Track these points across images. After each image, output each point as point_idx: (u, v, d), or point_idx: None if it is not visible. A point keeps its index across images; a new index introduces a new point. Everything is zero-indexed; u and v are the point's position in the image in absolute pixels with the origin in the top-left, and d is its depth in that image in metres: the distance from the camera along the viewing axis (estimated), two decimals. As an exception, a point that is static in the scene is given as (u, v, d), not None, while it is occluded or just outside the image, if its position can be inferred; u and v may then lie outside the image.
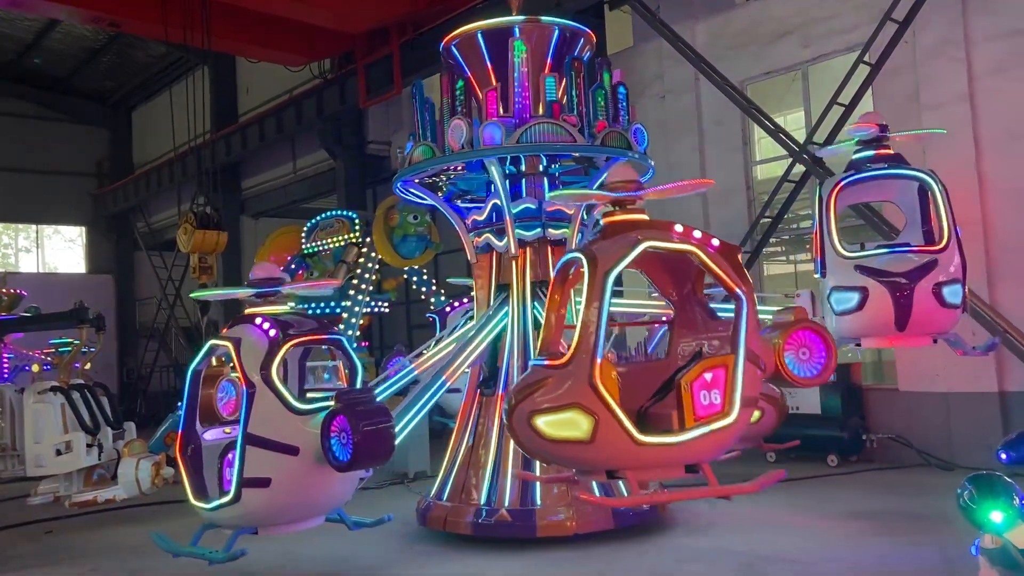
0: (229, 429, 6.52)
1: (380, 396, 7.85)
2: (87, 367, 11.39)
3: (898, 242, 7.24)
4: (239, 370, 5.84)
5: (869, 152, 7.14)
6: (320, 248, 15.43)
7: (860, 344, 7.31)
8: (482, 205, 8.75)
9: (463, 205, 9.07)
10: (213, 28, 16.84)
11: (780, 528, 7.76)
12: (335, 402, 5.76)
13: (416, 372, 8.06)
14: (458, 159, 8.01)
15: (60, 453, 9.07)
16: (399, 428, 6.93)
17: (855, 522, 7.78)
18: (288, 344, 5.86)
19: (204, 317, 18.47)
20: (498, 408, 7.86)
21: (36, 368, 12.21)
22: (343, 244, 15.25)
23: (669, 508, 8.12)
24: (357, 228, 15.16)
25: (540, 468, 7.18)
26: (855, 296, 6.79)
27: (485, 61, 8.39)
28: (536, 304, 8.17)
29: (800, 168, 11.38)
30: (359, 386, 6.16)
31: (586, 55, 8.58)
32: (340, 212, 15.96)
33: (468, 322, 8.78)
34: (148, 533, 6.53)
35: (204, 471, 6.26)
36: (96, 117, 30.54)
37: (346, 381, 6.32)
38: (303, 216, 18.08)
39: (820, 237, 7.15)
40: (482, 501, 7.84)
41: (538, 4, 12.21)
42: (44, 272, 29.44)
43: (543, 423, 5.09)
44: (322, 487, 5.98)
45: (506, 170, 8.34)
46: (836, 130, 10.91)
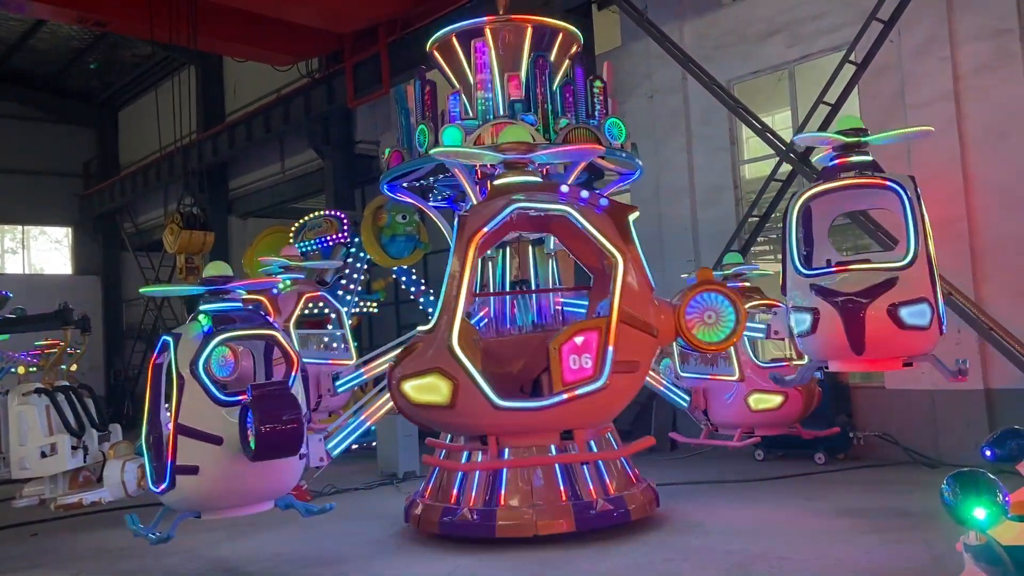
0: None
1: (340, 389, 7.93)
2: (73, 369, 11.31)
3: (857, 257, 6.90)
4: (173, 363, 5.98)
5: (843, 159, 6.70)
6: (309, 248, 15.38)
7: (827, 367, 6.88)
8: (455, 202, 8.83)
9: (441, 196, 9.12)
10: (199, 27, 16.77)
11: (768, 526, 7.77)
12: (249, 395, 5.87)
13: (365, 376, 8.13)
14: (419, 164, 8.06)
15: (45, 455, 9.00)
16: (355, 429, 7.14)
17: (842, 519, 7.81)
18: (216, 339, 5.98)
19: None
20: None
21: (21, 370, 12.11)
22: (331, 244, 15.20)
23: (658, 508, 8.12)
24: (345, 228, 15.13)
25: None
26: (807, 317, 6.46)
27: (462, 63, 8.41)
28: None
29: (787, 167, 11.44)
30: (293, 378, 6.18)
31: (573, 50, 8.55)
32: (328, 212, 15.92)
33: None
34: (124, 515, 6.63)
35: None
36: (82, 117, 30.35)
37: (295, 370, 6.30)
38: (291, 216, 18.02)
39: (783, 251, 6.80)
40: (453, 500, 7.84)
41: (525, 3, 12.20)
42: (30, 273, 29.24)
43: (409, 388, 5.16)
44: (251, 475, 6.06)
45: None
46: (823, 129, 10.94)
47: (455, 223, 5.34)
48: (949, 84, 10.67)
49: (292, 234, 15.62)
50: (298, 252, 6.23)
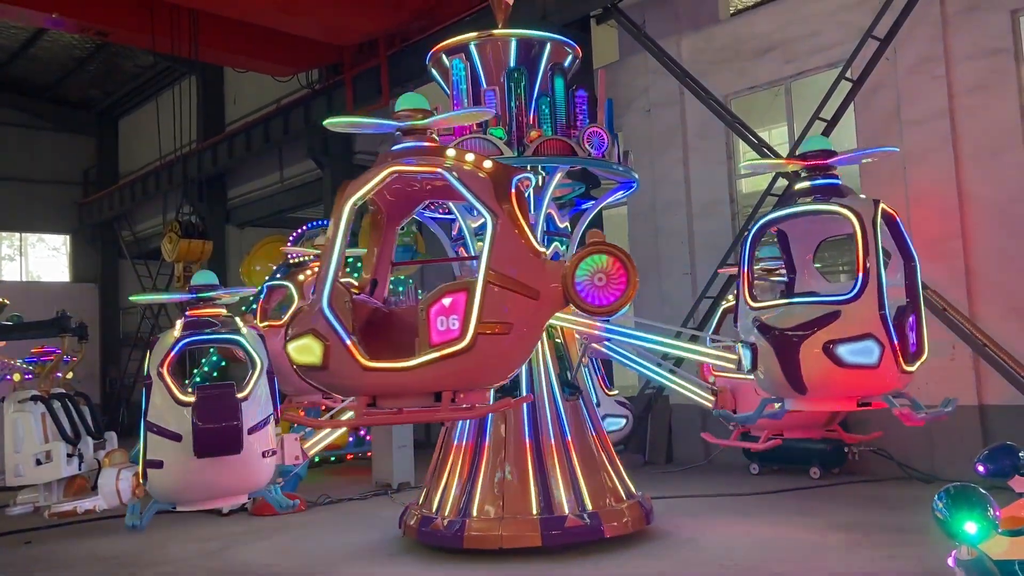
0: None
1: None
2: (69, 376, 11.30)
3: (804, 290, 6.64)
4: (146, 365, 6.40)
5: (806, 184, 6.50)
6: (306, 258, 15.38)
7: (783, 405, 6.59)
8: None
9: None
10: (200, 38, 16.86)
11: (762, 540, 7.79)
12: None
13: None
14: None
15: (40, 463, 8.99)
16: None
17: (836, 534, 7.82)
18: (179, 344, 6.35)
19: None
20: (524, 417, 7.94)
21: (17, 377, 12.08)
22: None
23: (653, 520, 8.11)
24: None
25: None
26: (748, 353, 6.29)
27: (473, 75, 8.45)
28: None
29: (783, 182, 11.50)
30: (254, 380, 6.44)
31: (566, 62, 8.49)
32: (327, 222, 15.94)
33: None
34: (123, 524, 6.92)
35: None
36: (82, 126, 30.38)
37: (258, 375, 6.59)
38: (289, 226, 18.03)
39: (738, 282, 6.58)
40: (433, 509, 7.90)
41: (524, 18, 12.29)
42: (27, 280, 29.20)
43: (291, 349, 5.12)
44: (211, 470, 6.28)
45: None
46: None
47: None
48: (944, 102, 10.76)
49: (289, 244, 15.63)
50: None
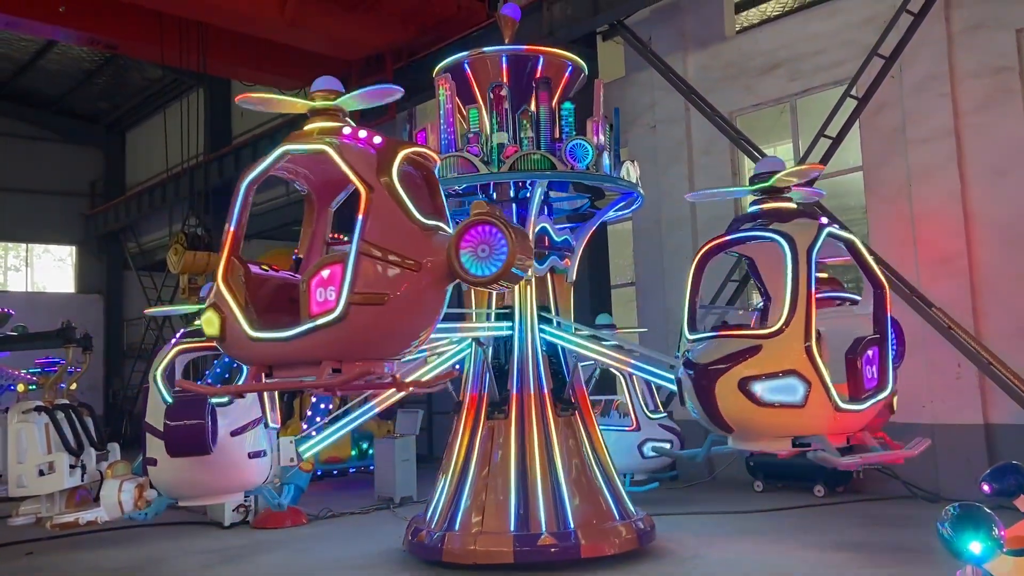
0: None
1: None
2: (73, 387, 11.31)
3: (734, 323, 6.48)
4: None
5: (754, 208, 6.47)
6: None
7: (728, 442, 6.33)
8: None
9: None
10: (209, 51, 16.99)
11: (766, 559, 7.74)
12: None
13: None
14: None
15: (43, 473, 8.98)
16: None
17: (840, 553, 7.77)
18: (174, 350, 6.75)
19: None
20: (512, 431, 7.94)
21: (22, 388, 12.09)
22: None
23: (651, 541, 8.04)
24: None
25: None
26: (677, 388, 6.11)
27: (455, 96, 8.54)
28: (543, 327, 8.23)
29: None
30: (239, 382, 6.98)
31: (567, 73, 8.47)
32: (333, 235, 15.98)
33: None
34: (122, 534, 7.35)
35: None
36: (90, 137, 30.57)
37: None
38: (295, 238, 18.02)
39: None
40: (425, 522, 8.02)
41: (531, 34, 12.38)
42: (32, 291, 29.29)
43: (202, 322, 5.29)
44: (198, 469, 6.75)
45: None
46: (823, 162, 11.04)
47: None
48: (950, 120, 10.77)
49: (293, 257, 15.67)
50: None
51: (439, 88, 8.10)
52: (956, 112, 10.77)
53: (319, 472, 12.38)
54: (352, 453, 14.60)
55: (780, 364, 5.52)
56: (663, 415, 10.74)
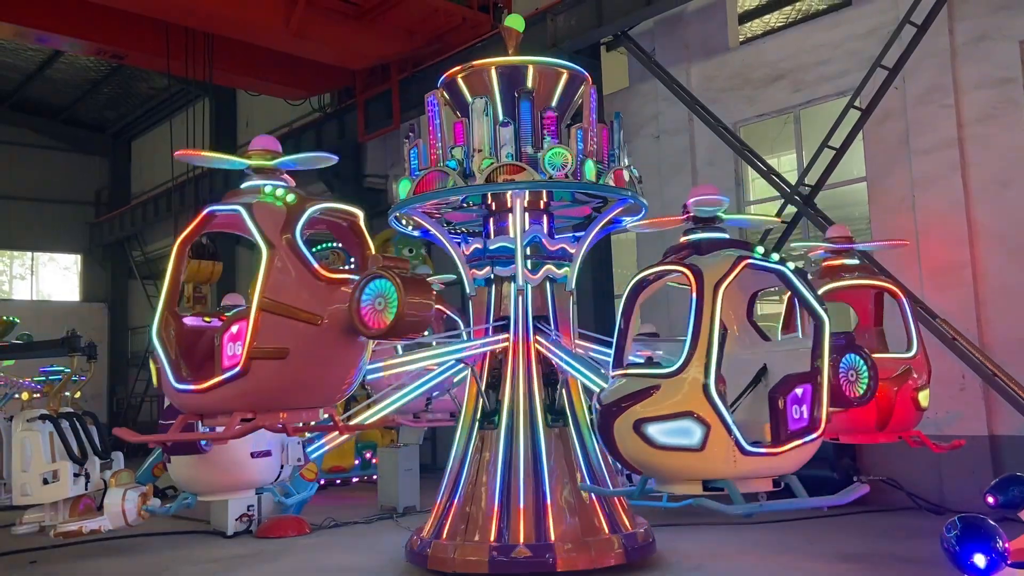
0: None
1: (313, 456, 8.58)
2: (77, 396, 11.33)
3: (737, 349, 6.21)
4: None
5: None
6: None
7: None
8: (478, 236, 8.84)
9: (466, 232, 9.19)
10: (215, 62, 17.08)
11: (770, 569, 7.72)
12: None
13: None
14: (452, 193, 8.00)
15: (47, 482, 8.99)
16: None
17: (845, 564, 7.75)
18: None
19: None
20: (500, 441, 7.96)
21: (26, 396, 12.11)
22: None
23: (648, 554, 8.00)
24: (352, 260, 15.23)
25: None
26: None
27: (455, 109, 8.65)
28: (538, 337, 8.21)
29: (792, 209, 11.52)
30: None
31: (558, 87, 8.41)
32: (336, 244, 16.03)
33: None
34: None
35: None
36: (95, 147, 30.72)
37: None
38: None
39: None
40: (422, 530, 8.14)
41: (535, 45, 12.43)
42: (37, 299, 29.38)
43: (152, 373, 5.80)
44: (201, 467, 7.04)
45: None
46: (827, 172, 11.08)
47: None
48: (953, 131, 10.78)
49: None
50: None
51: (427, 103, 8.28)
52: (960, 123, 10.78)
53: (322, 481, 12.36)
54: (355, 462, 14.61)
55: (676, 405, 5.25)
56: None
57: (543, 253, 8.39)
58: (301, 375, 5.31)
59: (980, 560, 3.53)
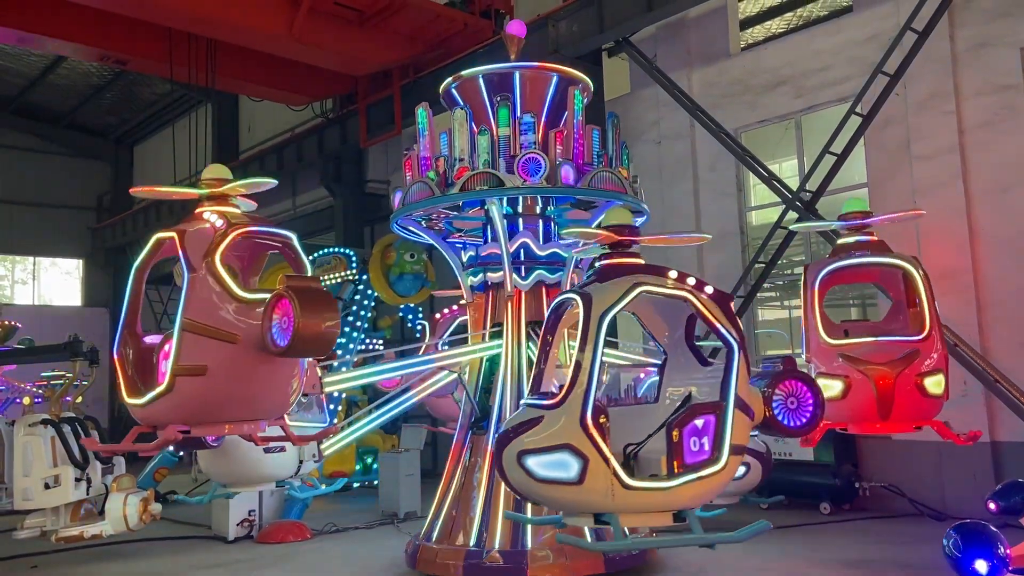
0: None
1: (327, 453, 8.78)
2: (78, 400, 11.33)
3: (672, 373, 6.30)
4: None
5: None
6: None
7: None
8: (478, 243, 8.86)
9: (465, 238, 9.20)
10: (217, 67, 17.12)
11: (772, 575, 7.70)
12: None
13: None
14: (458, 198, 8.01)
15: (48, 487, 8.98)
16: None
17: (846, 570, 7.74)
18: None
19: None
20: (488, 447, 7.94)
21: (27, 401, 12.11)
22: (339, 281, 15.32)
23: (660, 554, 8.04)
24: (354, 265, 15.25)
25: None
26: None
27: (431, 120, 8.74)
28: (530, 344, 8.22)
29: (793, 215, 11.53)
30: None
31: (549, 90, 8.46)
32: (338, 249, 16.05)
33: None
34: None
35: None
36: (98, 152, 30.77)
37: None
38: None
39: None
40: (430, 538, 8.11)
41: (536, 51, 12.45)
42: (39, 304, 29.40)
43: None
44: (220, 461, 7.79)
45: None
46: (829, 178, 11.09)
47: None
48: (954, 137, 10.80)
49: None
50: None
51: (416, 116, 8.42)
52: (960, 129, 10.80)
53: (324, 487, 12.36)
54: (356, 467, 14.60)
55: (554, 437, 5.16)
56: None
57: (534, 259, 8.41)
58: (224, 390, 5.63)
59: (982, 566, 3.53)
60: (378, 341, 16.24)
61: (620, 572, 7.61)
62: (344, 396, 13.63)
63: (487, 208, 8.33)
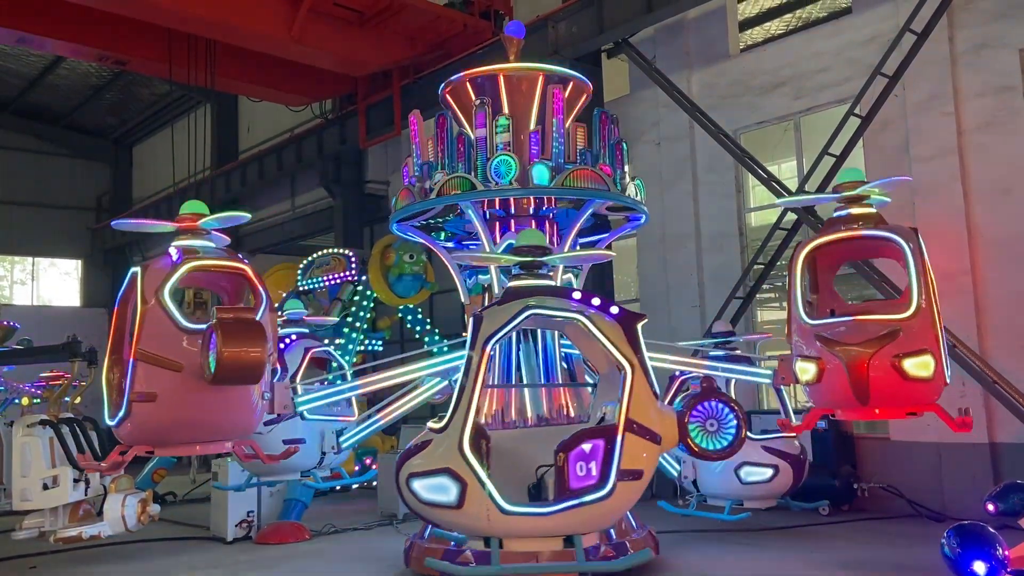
0: None
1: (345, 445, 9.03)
2: (77, 401, 11.31)
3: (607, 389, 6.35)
4: None
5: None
6: (316, 286, 15.49)
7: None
8: (478, 243, 8.85)
9: (467, 242, 9.23)
10: (217, 68, 17.13)
11: (770, 577, 7.71)
12: None
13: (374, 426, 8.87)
14: (431, 204, 8.12)
15: (47, 487, 8.97)
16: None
17: (845, 571, 7.74)
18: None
19: None
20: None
21: (26, 401, 12.10)
22: (339, 282, 15.32)
23: (661, 555, 8.00)
24: (353, 266, 15.26)
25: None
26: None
27: (458, 114, 8.82)
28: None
29: (792, 216, 11.54)
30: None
31: (538, 91, 8.46)
32: (337, 250, 16.05)
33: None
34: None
35: None
36: (97, 152, 30.76)
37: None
38: (300, 253, 18.16)
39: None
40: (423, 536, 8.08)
41: (536, 52, 12.46)
42: (38, 305, 29.38)
43: None
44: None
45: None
46: (827, 179, 11.09)
47: None
48: (953, 139, 10.80)
49: (300, 271, 15.75)
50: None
51: (409, 122, 8.57)
52: (959, 131, 10.81)
53: (324, 488, 12.35)
54: (355, 469, 14.58)
55: (436, 461, 5.34)
56: (763, 436, 9.14)
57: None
58: (174, 415, 5.95)
59: (980, 567, 3.53)
60: (377, 342, 16.25)
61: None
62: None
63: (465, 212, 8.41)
